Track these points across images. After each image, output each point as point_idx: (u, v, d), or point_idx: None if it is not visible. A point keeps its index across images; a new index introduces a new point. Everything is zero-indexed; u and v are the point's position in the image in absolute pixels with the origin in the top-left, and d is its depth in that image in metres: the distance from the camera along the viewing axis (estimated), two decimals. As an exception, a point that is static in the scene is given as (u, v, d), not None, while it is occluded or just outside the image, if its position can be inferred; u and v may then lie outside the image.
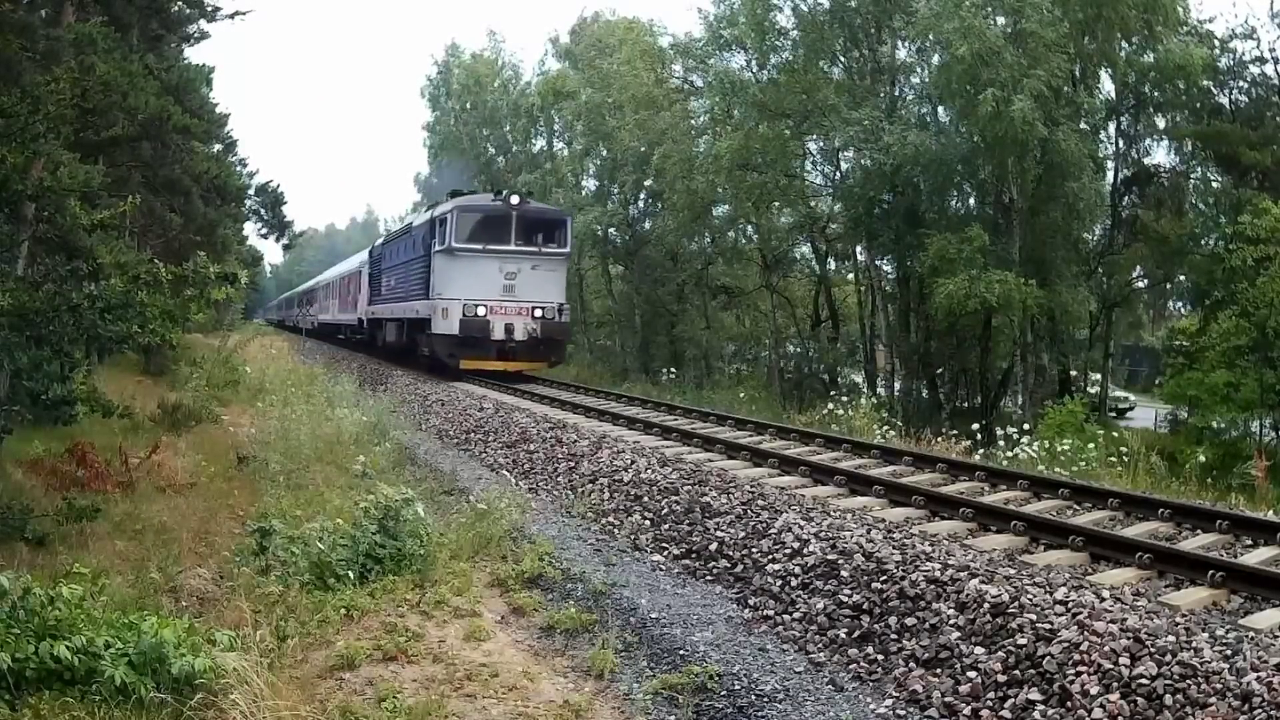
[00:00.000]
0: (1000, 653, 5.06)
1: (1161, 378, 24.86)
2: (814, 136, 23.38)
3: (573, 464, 11.04)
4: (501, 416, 14.91)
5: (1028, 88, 17.41)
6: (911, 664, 5.30)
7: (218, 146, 25.55)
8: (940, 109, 21.89)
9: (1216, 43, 20.87)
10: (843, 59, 23.86)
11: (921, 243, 19.51)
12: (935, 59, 21.09)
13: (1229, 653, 4.61)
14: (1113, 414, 24.15)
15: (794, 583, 6.60)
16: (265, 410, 16.93)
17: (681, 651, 5.68)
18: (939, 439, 14.10)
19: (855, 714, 4.87)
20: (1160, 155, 22.92)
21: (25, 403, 8.10)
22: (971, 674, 5.00)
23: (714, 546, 7.60)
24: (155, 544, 8.20)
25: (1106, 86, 21.55)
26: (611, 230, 31.58)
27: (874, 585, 6.16)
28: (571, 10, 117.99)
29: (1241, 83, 21.49)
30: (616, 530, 8.56)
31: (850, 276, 27.05)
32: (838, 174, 24.24)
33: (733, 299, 30.12)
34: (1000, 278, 17.68)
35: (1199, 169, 22.15)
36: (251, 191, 23.50)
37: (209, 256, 9.04)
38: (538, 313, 20.66)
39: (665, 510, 8.67)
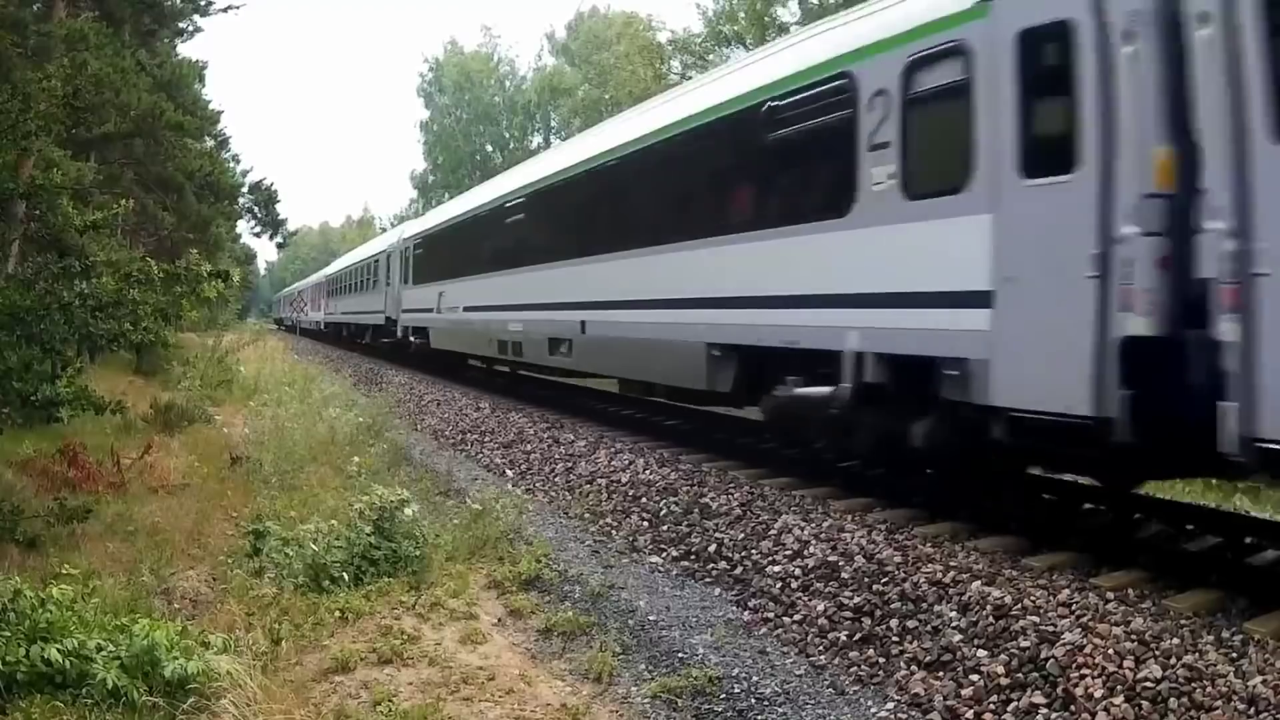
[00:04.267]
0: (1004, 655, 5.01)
1: None
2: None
3: (570, 464, 10.98)
4: (498, 416, 14.84)
5: None
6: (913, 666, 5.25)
7: (210, 143, 25.47)
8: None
9: None
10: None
11: None
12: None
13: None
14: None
15: (794, 585, 6.54)
16: (259, 410, 16.85)
17: (680, 654, 5.62)
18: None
19: (856, 717, 4.82)
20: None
21: (15, 404, 8.03)
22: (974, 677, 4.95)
23: (713, 548, 7.54)
24: (148, 545, 8.13)
25: None
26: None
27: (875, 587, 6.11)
28: (569, 6, 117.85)
29: None
30: (614, 531, 8.50)
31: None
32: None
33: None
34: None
35: None
36: (245, 189, 23.44)
37: (201, 254, 8.99)
38: None
39: (664, 511, 8.61)
